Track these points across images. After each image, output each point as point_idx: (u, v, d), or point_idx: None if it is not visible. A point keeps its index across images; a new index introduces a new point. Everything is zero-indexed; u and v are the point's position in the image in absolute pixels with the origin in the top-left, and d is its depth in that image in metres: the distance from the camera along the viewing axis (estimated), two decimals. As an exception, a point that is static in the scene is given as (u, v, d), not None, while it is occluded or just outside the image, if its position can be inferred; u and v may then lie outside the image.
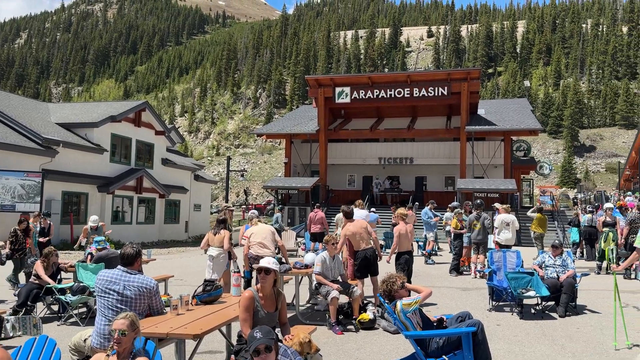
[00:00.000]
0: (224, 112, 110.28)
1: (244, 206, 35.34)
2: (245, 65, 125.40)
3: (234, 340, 5.13)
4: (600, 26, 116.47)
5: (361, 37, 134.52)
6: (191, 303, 5.16)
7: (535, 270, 8.15)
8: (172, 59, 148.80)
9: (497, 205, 13.16)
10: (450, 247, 13.96)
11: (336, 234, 10.83)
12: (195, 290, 5.41)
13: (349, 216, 8.32)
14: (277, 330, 4.52)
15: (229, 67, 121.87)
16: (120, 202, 24.60)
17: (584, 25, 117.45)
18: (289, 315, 7.51)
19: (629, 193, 33.61)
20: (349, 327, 6.91)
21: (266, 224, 9.13)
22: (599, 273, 12.14)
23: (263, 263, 4.48)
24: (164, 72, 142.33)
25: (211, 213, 41.97)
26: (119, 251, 5.13)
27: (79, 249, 14.56)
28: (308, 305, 8.55)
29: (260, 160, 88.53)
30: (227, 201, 29.31)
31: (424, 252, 15.59)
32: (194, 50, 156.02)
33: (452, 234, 12.80)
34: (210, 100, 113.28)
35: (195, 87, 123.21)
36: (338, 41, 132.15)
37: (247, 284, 8.32)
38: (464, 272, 12.12)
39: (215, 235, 8.41)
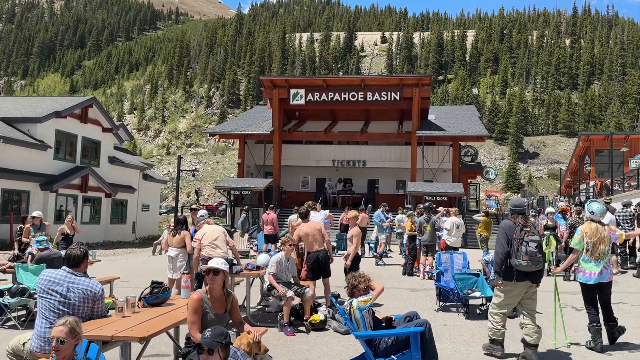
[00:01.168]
0: (175, 110, 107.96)
1: (194, 206, 34.70)
2: (199, 64, 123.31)
3: (182, 343, 5.03)
4: (545, 38, 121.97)
5: (316, 39, 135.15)
6: (137, 305, 5.02)
7: (482, 267, 8.43)
8: (121, 54, 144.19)
9: (441, 209, 13.50)
10: (401, 249, 14.21)
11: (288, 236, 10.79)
12: (142, 292, 5.26)
13: (303, 217, 8.38)
14: (234, 330, 4.49)
15: (182, 65, 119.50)
16: (64, 200, 23.66)
17: (530, 37, 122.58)
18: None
19: (562, 198, 35.37)
20: (300, 328, 6.91)
21: (218, 224, 9.01)
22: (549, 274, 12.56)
23: (212, 263, 4.42)
24: (113, 68, 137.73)
25: (160, 213, 40.99)
26: (62, 252, 4.93)
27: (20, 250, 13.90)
28: (259, 307, 8.50)
29: (213, 160, 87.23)
30: (177, 203, 28.66)
31: (375, 253, 15.82)
32: (145, 46, 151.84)
33: (407, 237, 13.02)
34: (161, 98, 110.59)
35: (145, 84, 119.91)
36: (293, 43, 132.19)
37: (199, 286, 8.18)
38: (414, 274, 12.37)
39: (174, 236, 8.36)
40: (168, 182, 64.83)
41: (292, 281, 7.30)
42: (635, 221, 12.65)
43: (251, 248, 17.21)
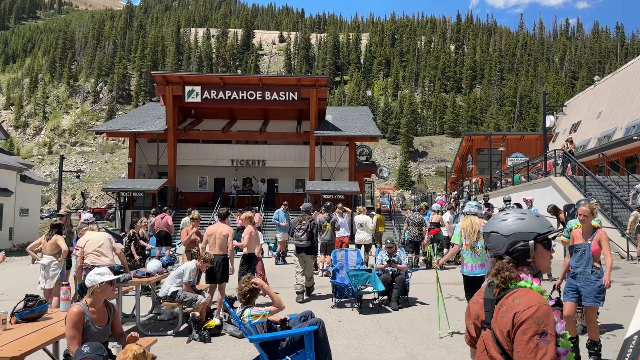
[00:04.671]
0: (58, 106, 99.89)
1: (81, 210, 32.34)
2: (85, 57, 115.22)
3: (61, 361, 4.65)
4: (433, 43, 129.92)
5: (213, 35, 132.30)
6: (10, 321, 4.56)
7: (378, 265, 8.76)
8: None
9: (339, 206, 13.79)
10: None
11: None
12: (15, 307, 4.79)
13: (222, 217, 8.35)
14: (115, 345, 4.21)
15: (65, 58, 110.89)
16: None
17: (419, 42, 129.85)
18: (129, 326, 7.09)
19: (438, 194, 37.96)
20: (196, 334, 6.70)
21: (106, 230, 8.47)
22: (430, 267, 13.34)
23: (93, 274, 4.13)
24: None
25: (42, 218, 37.71)
26: None
27: None
28: (151, 315, 8.12)
29: (101, 160, 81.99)
30: (59, 206, 26.51)
31: (274, 253, 15.82)
32: (24, 36, 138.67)
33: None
34: (42, 93, 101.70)
35: (24, 77, 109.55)
36: (188, 38, 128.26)
37: (82, 297, 7.63)
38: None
39: (47, 240, 7.70)
40: (50, 184, 59.86)
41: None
42: None
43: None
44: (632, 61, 35.07)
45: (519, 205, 14.34)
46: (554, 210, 11.66)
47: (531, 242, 2.05)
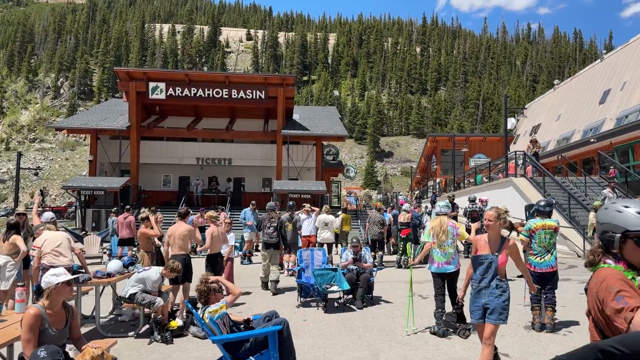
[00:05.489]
0: (16, 101, 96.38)
1: (40, 209, 31.35)
2: (45, 51, 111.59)
3: (15, 365, 4.48)
4: (399, 45, 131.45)
5: (179, 32, 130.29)
6: (-40, 325, 4.37)
7: (343, 264, 8.79)
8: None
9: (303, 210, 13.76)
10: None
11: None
12: (-35, 310, 4.59)
13: (182, 216, 8.15)
14: (73, 347, 4.09)
15: (24, 51, 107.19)
16: None
17: (385, 43, 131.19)
18: (89, 328, 6.91)
19: (400, 193, 38.54)
20: (158, 335, 6.58)
21: (66, 229, 8.21)
22: (400, 266, 13.43)
23: (51, 274, 4.00)
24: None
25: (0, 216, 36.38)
26: None
27: None
28: (111, 316, 7.92)
29: (61, 157, 79.57)
30: (16, 204, 25.62)
31: (239, 252, 15.70)
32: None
33: None
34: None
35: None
36: (153, 34, 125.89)
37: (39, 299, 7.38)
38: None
39: (4, 241, 7.40)
40: (8, 182, 57.73)
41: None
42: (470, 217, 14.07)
43: (104, 253, 16.00)
44: (589, 66, 36.36)
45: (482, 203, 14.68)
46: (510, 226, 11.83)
47: (617, 235, 2.12)
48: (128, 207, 15.46)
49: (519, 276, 10.94)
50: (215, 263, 8.47)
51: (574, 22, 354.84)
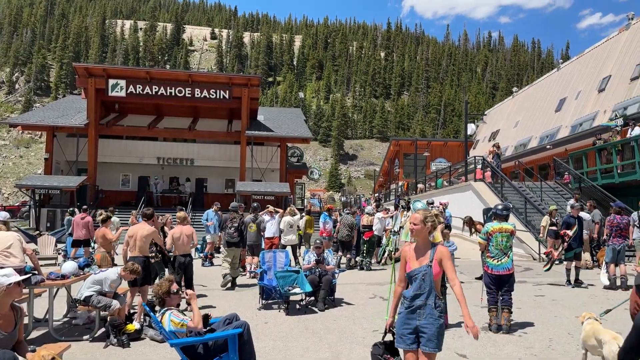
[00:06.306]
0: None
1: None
2: (0, 44, 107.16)
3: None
4: (364, 49, 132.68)
5: (141, 28, 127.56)
6: None
7: (306, 266, 8.77)
8: None
9: (270, 207, 13.70)
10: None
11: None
12: None
13: (146, 217, 8.04)
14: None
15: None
16: None
17: (350, 47, 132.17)
18: (42, 332, 6.65)
19: (362, 196, 38.81)
20: (114, 339, 6.39)
21: (18, 229, 7.89)
22: (362, 268, 13.50)
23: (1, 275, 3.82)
24: None
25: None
26: None
27: None
28: (65, 319, 7.65)
29: (15, 154, 76.49)
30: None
31: (201, 254, 15.48)
32: None
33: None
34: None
35: None
36: (114, 30, 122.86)
37: None
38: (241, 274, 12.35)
39: None
40: (-45, 179, 55.09)
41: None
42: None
43: (59, 254, 15.46)
44: (546, 75, 37.67)
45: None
46: (470, 222, 12.16)
47: None
48: (85, 207, 14.98)
49: (477, 278, 11.20)
50: (183, 265, 8.36)
51: (532, 32, 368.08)
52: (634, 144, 16.15)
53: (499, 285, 6.78)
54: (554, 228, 12.05)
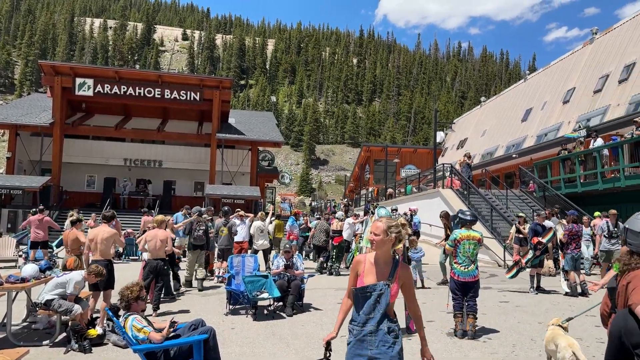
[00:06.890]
0: None
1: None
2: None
3: None
4: (336, 55, 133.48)
5: (110, 27, 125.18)
6: None
7: (274, 271, 8.71)
8: None
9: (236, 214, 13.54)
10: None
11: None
12: None
13: (106, 220, 7.83)
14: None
15: None
16: None
17: (323, 53, 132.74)
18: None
19: (332, 200, 38.91)
20: (75, 344, 6.21)
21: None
22: (332, 274, 13.52)
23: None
24: None
25: None
26: None
27: None
28: (25, 324, 7.40)
29: (-25, 152, 73.83)
30: None
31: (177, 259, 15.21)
32: None
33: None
34: None
35: None
36: (83, 28, 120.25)
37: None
38: (208, 278, 12.20)
39: None
40: None
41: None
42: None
43: (20, 256, 14.97)
44: (513, 86, 38.61)
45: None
46: (446, 216, 12.27)
47: None
48: (41, 207, 14.53)
49: (441, 282, 11.35)
50: (155, 270, 8.20)
51: (501, 43, 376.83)
52: (596, 154, 16.68)
53: (465, 292, 6.87)
54: (520, 235, 12.31)
